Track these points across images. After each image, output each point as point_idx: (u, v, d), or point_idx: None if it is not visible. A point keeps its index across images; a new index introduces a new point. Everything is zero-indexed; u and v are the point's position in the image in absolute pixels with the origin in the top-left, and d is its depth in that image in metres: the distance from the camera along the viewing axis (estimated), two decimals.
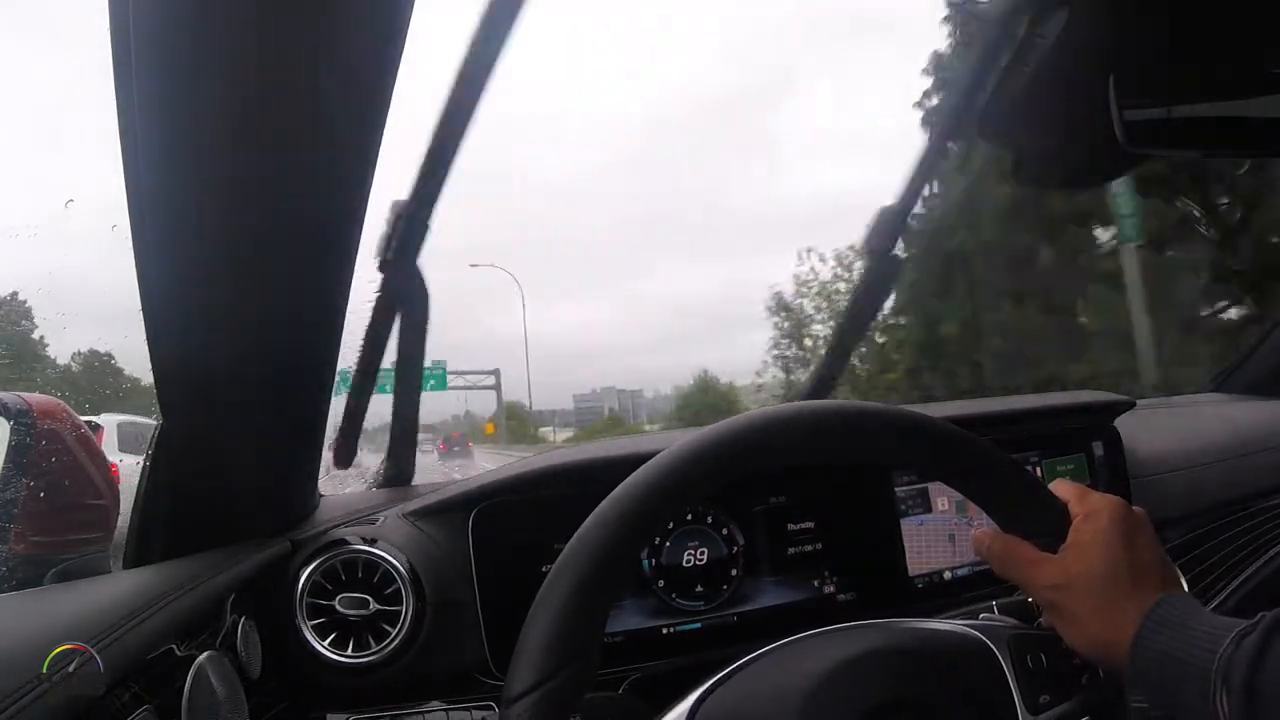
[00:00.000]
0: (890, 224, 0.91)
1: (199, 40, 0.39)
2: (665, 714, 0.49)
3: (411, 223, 0.69)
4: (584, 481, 0.72)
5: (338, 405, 0.79)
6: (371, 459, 0.96)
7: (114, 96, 0.41)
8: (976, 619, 0.67)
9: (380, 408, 0.86)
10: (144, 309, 0.52)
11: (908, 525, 0.87)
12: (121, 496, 0.67)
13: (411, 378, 0.87)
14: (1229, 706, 0.42)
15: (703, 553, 0.81)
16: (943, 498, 0.88)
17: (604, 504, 0.46)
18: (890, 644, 0.53)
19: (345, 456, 0.86)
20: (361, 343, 0.77)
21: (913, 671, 0.51)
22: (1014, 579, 0.53)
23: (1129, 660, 0.47)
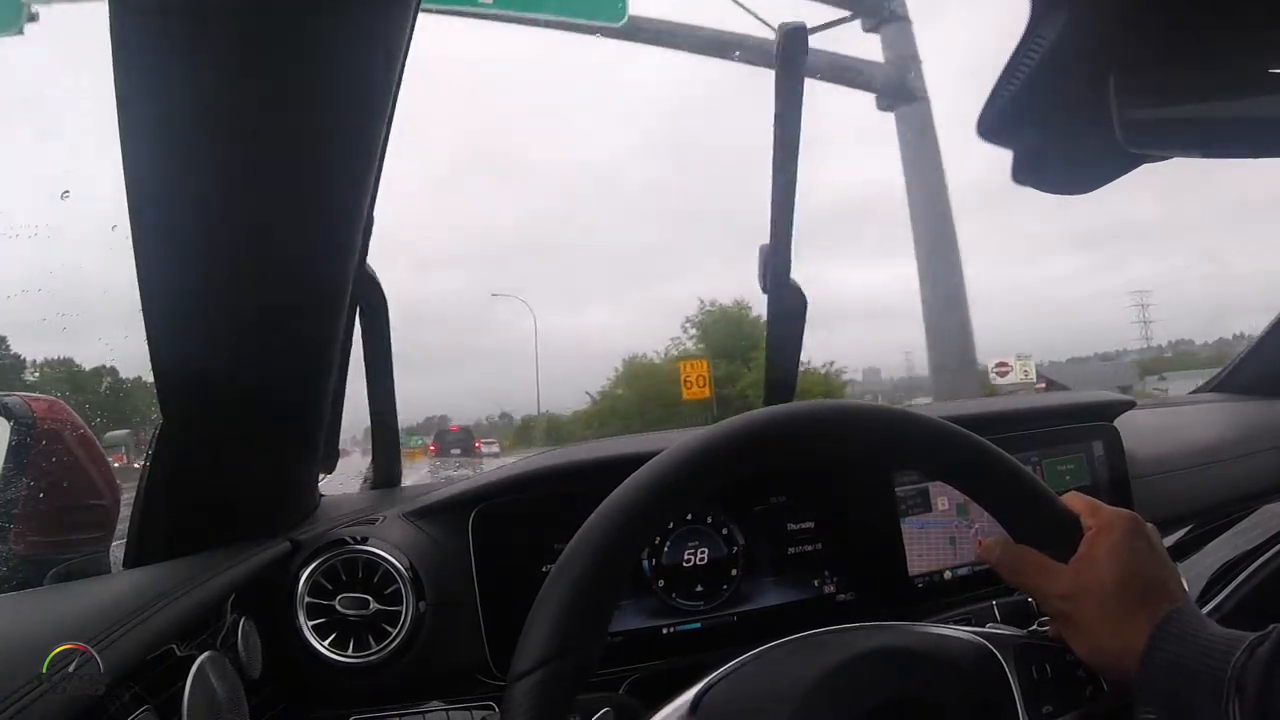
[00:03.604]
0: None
1: (200, 40, 0.39)
2: (667, 706, 0.50)
3: None
4: (584, 481, 0.72)
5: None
6: (362, 463, 0.97)
7: (114, 95, 0.41)
8: (978, 621, 0.67)
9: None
10: (144, 309, 0.52)
11: (908, 525, 0.87)
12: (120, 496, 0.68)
13: (382, 377, 0.87)
14: (1241, 715, 0.42)
15: (703, 553, 0.81)
16: (943, 498, 0.88)
17: (612, 496, 0.47)
18: (894, 644, 0.53)
19: (328, 461, 0.86)
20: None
21: (917, 673, 0.51)
22: (1024, 588, 0.54)
23: (1139, 670, 0.47)
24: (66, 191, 0.63)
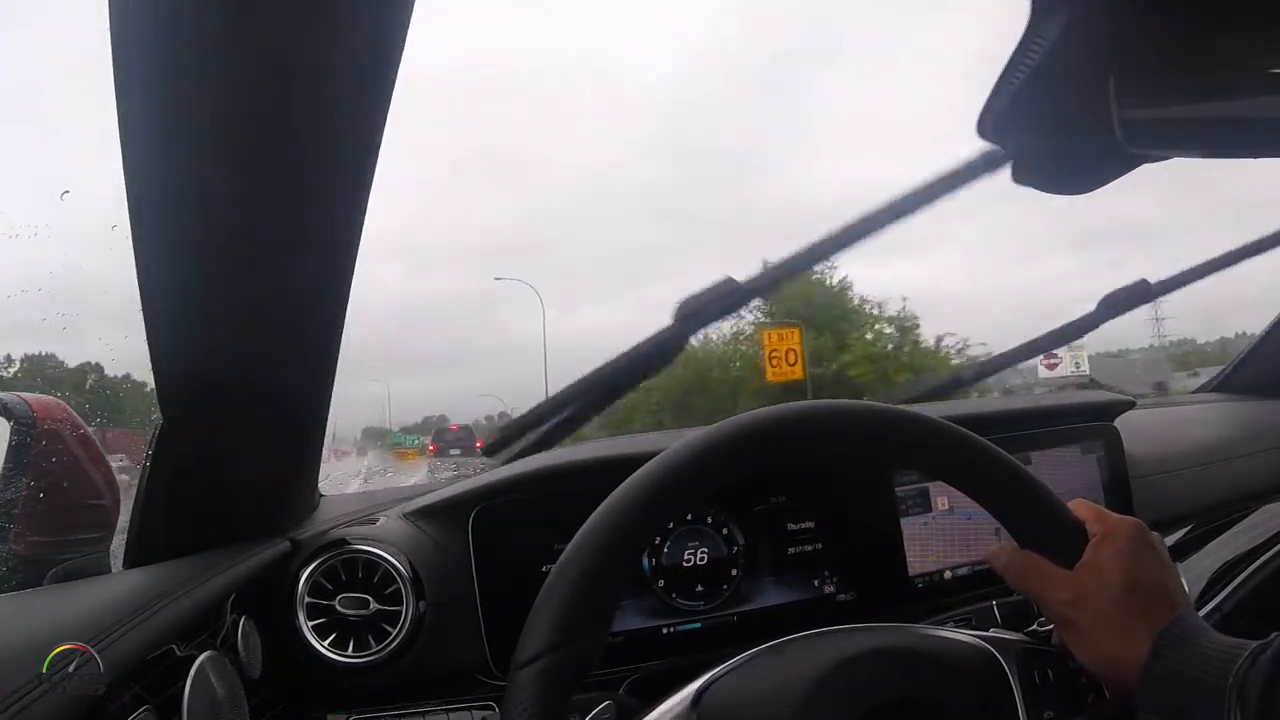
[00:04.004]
0: None
1: (199, 39, 0.39)
2: (668, 700, 0.50)
3: (730, 302, 0.67)
4: (584, 481, 0.72)
5: (342, 404, 0.78)
6: (356, 464, 0.96)
7: (114, 95, 0.41)
8: (979, 620, 0.67)
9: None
10: (144, 308, 0.52)
11: (908, 525, 0.87)
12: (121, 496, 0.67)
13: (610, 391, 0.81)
14: None
15: (703, 553, 0.81)
16: (943, 497, 0.88)
17: (617, 493, 0.47)
18: (896, 645, 0.53)
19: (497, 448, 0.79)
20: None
21: (918, 674, 0.51)
22: (1028, 593, 0.54)
23: (1141, 678, 0.47)
24: (66, 191, 0.63)
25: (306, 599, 0.70)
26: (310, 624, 0.69)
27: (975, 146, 0.45)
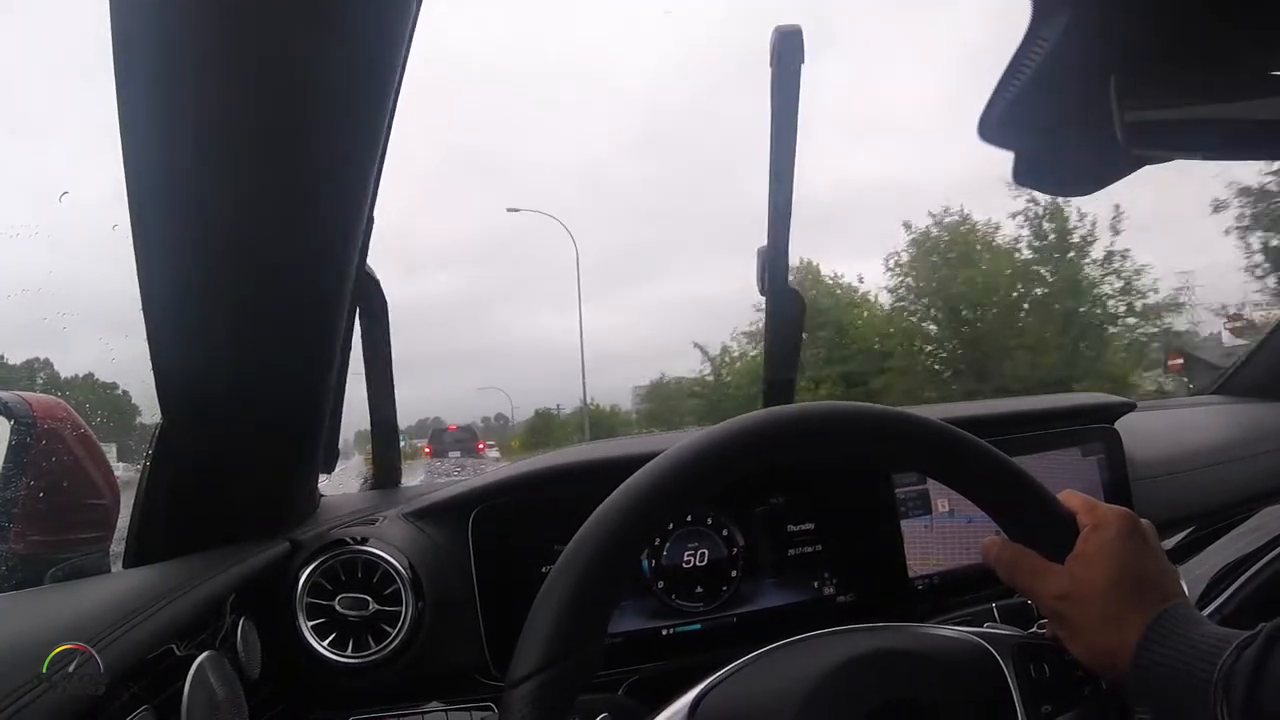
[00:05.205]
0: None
1: (200, 40, 0.39)
2: (666, 709, 0.49)
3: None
4: (584, 482, 0.72)
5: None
6: (347, 465, 0.97)
7: (115, 97, 0.41)
8: (978, 622, 0.67)
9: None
10: (145, 309, 0.52)
11: (908, 527, 0.87)
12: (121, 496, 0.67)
13: (382, 376, 0.88)
14: (1230, 717, 0.42)
15: (702, 554, 0.80)
16: (943, 499, 0.88)
17: (610, 499, 0.46)
18: (893, 646, 0.53)
19: (328, 461, 0.84)
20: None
21: (915, 674, 0.51)
22: (1020, 588, 0.54)
23: (1131, 671, 0.47)
24: (66, 193, 0.63)
25: (306, 599, 0.70)
26: (310, 624, 0.69)
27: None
